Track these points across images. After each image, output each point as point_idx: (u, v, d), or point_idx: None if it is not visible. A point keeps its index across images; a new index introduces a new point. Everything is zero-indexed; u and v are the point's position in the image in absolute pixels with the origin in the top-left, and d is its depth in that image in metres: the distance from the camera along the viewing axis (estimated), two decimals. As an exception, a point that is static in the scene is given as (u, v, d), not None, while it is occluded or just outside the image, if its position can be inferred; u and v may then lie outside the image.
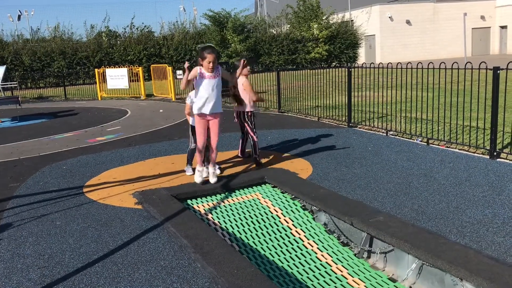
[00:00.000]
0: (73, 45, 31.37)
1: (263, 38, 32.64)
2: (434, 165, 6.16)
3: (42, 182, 6.40)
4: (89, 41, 32.29)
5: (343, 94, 10.37)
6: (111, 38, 33.01)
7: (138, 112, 14.15)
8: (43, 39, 33.25)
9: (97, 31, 33.77)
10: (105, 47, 31.37)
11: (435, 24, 38.52)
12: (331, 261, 4.17)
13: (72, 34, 33.67)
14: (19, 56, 29.56)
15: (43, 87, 28.05)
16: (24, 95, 21.79)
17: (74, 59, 30.44)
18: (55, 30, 33.69)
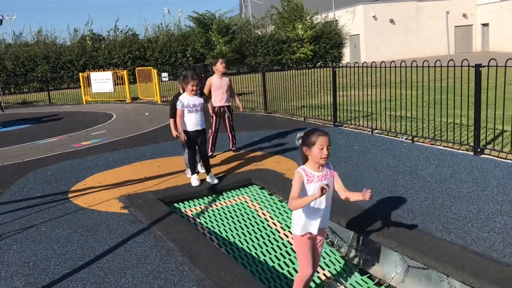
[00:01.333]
0: (56, 49, 31.05)
1: (248, 39, 32.63)
2: (419, 163, 6.21)
3: (27, 188, 6.32)
4: (73, 45, 31.99)
5: (328, 94, 10.40)
6: (95, 42, 32.75)
7: (123, 115, 14.05)
8: (26, 44, 32.87)
9: (81, 34, 33.50)
10: (89, 51, 31.10)
11: (418, 22, 38.87)
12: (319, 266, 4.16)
13: (55, 38, 33.34)
14: (2, 61, 29.18)
15: (27, 92, 27.69)
16: (7, 101, 21.52)
17: (58, 63, 30.13)
18: (38, 34, 33.32)
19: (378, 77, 8.68)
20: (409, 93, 8.54)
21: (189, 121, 5.66)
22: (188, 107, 5.61)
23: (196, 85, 5.57)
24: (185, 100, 5.62)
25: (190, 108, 5.63)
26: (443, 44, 34.86)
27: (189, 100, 5.62)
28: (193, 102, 5.64)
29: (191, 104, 5.62)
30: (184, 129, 5.68)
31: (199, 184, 5.78)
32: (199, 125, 5.72)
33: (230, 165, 6.73)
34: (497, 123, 6.95)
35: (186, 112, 5.63)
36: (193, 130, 5.69)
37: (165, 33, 33.17)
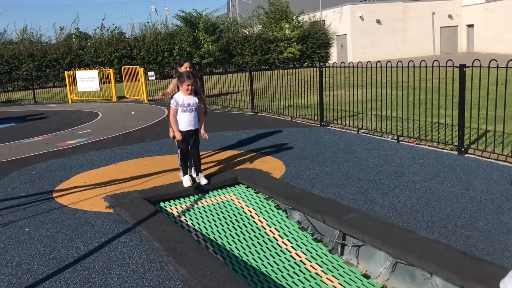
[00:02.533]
0: (42, 47, 30.68)
1: (235, 39, 32.60)
2: (405, 162, 6.27)
3: (10, 187, 6.25)
4: (59, 43, 31.65)
5: (315, 94, 10.44)
6: (81, 40, 32.44)
7: (109, 114, 13.95)
8: (10, 42, 32.46)
9: (67, 32, 33.16)
10: (75, 49, 30.80)
11: (405, 23, 39.19)
12: (305, 259, 4.19)
13: (40, 36, 32.95)
14: (-15, 59, 28.78)
15: (11, 90, 27.35)
16: (-9, 99, 21.23)
17: (43, 61, 29.79)
18: (23, 32, 32.91)
19: (365, 77, 8.74)
20: (394, 93, 8.61)
21: (183, 120, 5.62)
22: (183, 106, 5.57)
23: (191, 85, 5.55)
24: (180, 98, 5.57)
25: (184, 107, 5.58)
26: (429, 45, 35.19)
27: (183, 99, 5.57)
28: (187, 101, 5.58)
29: (185, 103, 5.57)
30: (179, 128, 5.64)
31: (191, 185, 5.76)
32: (193, 124, 5.68)
33: (217, 165, 6.72)
34: (481, 123, 7.06)
35: (180, 111, 5.59)
36: (186, 130, 5.65)
37: (152, 32, 32.98)
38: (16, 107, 18.96)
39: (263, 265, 4.11)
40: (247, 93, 14.40)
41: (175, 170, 6.52)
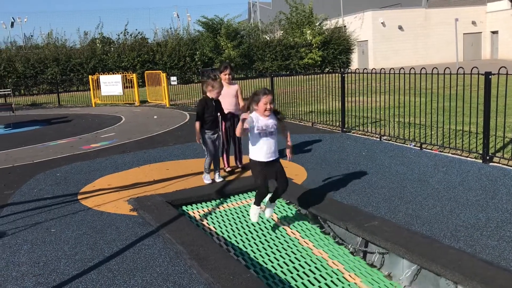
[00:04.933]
0: (66, 52, 31.32)
1: (256, 44, 32.74)
2: (428, 170, 6.20)
3: (37, 189, 6.38)
4: (83, 48, 32.26)
5: (336, 100, 10.41)
6: (105, 45, 32.99)
7: (132, 118, 14.13)
8: (36, 46, 33.22)
9: (91, 37, 33.77)
10: (99, 54, 31.33)
11: (426, 29, 38.81)
12: (327, 257, 4.18)
13: (65, 40, 33.68)
14: (12, 63, 29.48)
15: (37, 94, 27.97)
16: (17, 102, 21.69)
17: (67, 65, 30.38)
18: (48, 36, 33.66)
19: (387, 84, 8.69)
20: (417, 99, 8.56)
21: (261, 147, 4.37)
22: (260, 129, 4.34)
23: (270, 103, 4.34)
24: (255, 117, 4.36)
25: (261, 130, 4.35)
26: (452, 51, 34.81)
27: (259, 119, 4.36)
28: (265, 122, 4.37)
29: (262, 124, 4.36)
30: (254, 158, 4.42)
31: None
32: (273, 152, 4.44)
33: (238, 170, 6.75)
34: (506, 131, 6.94)
35: (256, 135, 4.35)
36: (268, 161, 4.40)
37: (174, 37, 33.36)
38: (41, 110, 19.35)
39: (284, 265, 4.11)
40: (268, 98, 14.42)
41: (197, 174, 6.58)
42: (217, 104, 6.01)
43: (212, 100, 5.92)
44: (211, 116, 5.93)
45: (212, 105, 5.93)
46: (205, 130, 5.95)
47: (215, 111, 5.97)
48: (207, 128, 5.95)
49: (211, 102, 5.92)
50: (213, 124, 6.00)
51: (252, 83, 17.42)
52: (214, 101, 5.94)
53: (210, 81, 5.87)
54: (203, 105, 5.91)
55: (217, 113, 6.03)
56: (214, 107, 5.95)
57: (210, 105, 5.91)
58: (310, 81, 12.43)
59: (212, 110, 5.93)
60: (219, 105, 6.07)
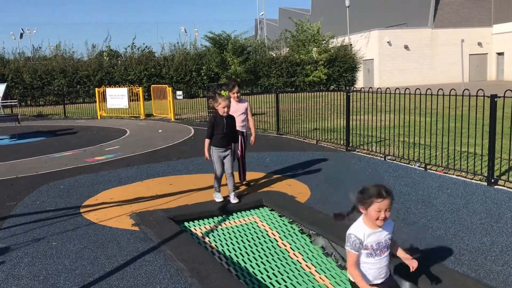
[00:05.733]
0: (74, 64, 31.58)
1: (262, 60, 32.95)
2: (432, 191, 6.16)
3: (39, 201, 6.38)
4: (90, 60, 32.53)
5: (341, 118, 10.42)
6: (112, 58, 33.26)
7: (137, 131, 14.18)
8: (44, 57, 33.53)
9: (98, 50, 34.07)
10: (106, 67, 31.57)
11: (432, 49, 38.97)
12: (329, 283, 4.13)
13: (73, 53, 34.01)
14: (20, 74, 29.73)
15: (43, 105, 28.12)
16: (23, 113, 21.83)
17: (74, 77, 30.60)
18: (56, 48, 33.99)
19: (392, 103, 8.68)
20: (422, 119, 8.54)
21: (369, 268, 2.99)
22: (369, 248, 2.94)
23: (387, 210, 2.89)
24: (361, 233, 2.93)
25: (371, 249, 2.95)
26: (457, 72, 34.86)
27: (369, 235, 2.93)
28: (377, 238, 2.95)
29: (373, 242, 2.94)
30: None
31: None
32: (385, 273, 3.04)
33: (241, 187, 6.73)
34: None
35: (364, 257, 2.96)
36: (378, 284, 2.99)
37: (181, 52, 33.61)
38: (47, 121, 19.44)
39: None
40: (272, 114, 14.47)
41: (200, 190, 6.57)
42: (229, 121, 5.83)
43: (223, 117, 5.77)
44: (221, 134, 5.76)
45: (223, 122, 5.76)
46: (214, 147, 5.84)
47: (226, 128, 5.78)
48: (216, 145, 5.81)
49: (222, 119, 5.76)
50: (223, 141, 5.81)
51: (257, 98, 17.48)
52: (225, 118, 5.79)
53: (217, 97, 5.85)
54: (212, 122, 5.81)
55: (228, 130, 5.82)
56: (225, 124, 5.77)
57: (220, 122, 5.76)
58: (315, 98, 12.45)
59: (223, 127, 5.75)
60: (233, 121, 5.93)
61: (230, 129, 5.86)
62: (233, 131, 5.96)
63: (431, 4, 38.94)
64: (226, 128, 5.79)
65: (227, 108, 5.74)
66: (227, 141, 5.85)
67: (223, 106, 5.71)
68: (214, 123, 5.79)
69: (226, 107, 5.72)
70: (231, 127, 5.88)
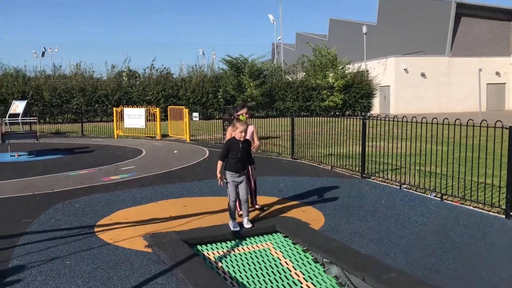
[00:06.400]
0: (93, 83, 32.09)
1: (278, 84, 33.16)
2: (448, 222, 6.08)
3: (54, 219, 6.43)
4: (109, 80, 33.05)
5: (356, 144, 10.39)
6: (131, 78, 33.76)
7: (152, 152, 14.29)
8: (64, 76, 34.14)
9: (118, 70, 34.62)
10: (125, 86, 32.02)
11: (449, 77, 38.85)
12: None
13: (93, 72, 34.55)
14: (40, 92, 30.29)
15: (61, 122, 28.56)
16: (42, 130, 22.17)
17: (93, 96, 31.07)
18: (76, 67, 34.64)
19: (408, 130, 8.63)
20: (439, 148, 8.47)
21: None
22: None
23: None
24: None
25: None
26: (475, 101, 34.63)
27: None
28: None
29: None
30: None
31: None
32: None
33: (254, 212, 6.71)
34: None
35: None
36: None
37: (199, 74, 34.02)
38: (65, 139, 19.72)
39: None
40: (287, 138, 14.49)
41: (214, 213, 6.57)
42: (245, 145, 5.79)
43: (239, 142, 5.73)
44: (235, 158, 5.72)
45: (239, 146, 5.71)
46: (228, 172, 5.79)
47: (241, 153, 5.73)
48: (231, 169, 5.76)
49: (238, 143, 5.72)
50: (238, 166, 5.76)
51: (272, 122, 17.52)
52: (241, 142, 5.75)
53: (235, 121, 5.85)
54: (228, 146, 5.77)
55: (244, 155, 5.78)
56: (241, 148, 5.72)
57: (236, 147, 5.71)
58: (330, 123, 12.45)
59: (238, 151, 5.71)
60: (249, 146, 5.91)
61: (245, 153, 5.83)
62: (248, 155, 5.96)
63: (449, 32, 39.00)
64: (242, 152, 5.74)
65: (244, 133, 5.73)
66: (242, 165, 5.80)
67: (240, 130, 5.69)
68: (229, 147, 5.76)
69: (244, 131, 5.71)
70: (246, 152, 5.85)
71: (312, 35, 56.47)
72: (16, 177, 9.90)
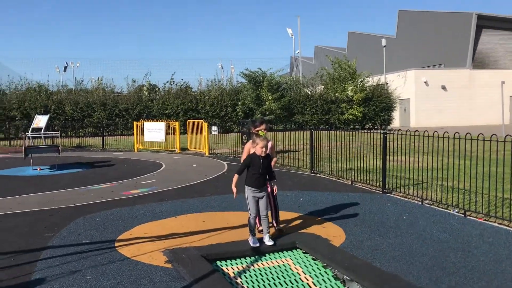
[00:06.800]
0: (114, 97, 32.59)
1: (297, 97, 33.17)
2: (472, 239, 5.94)
3: (76, 233, 6.49)
4: (130, 94, 33.52)
5: (377, 158, 10.28)
6: (151, 92, 34.21)
7: (172, 166, 14.37)
8: (85, 90, 34.78)
9: (138, 84, 35.12)
10: (145, 100, 32.43)
11: (471, 90, 38.35)
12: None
13: (114, 87, 35.14)
14: (62, 106, 30.85)
15: (82, 136, 28.99)
16: (63, 143, 22.52)
17: (114, 110, 31.52)
18: (98, 82, 35.25)
19: (430, 144, 8.51)
20: (461, 162, 8.33)
21: None
22: None
23: None
24: None
25: None
26: (497, 113, 34.08)
27: None
28: None
29: None
30: None
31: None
32: None
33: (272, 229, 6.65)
34: (557, 203, 6.62)
35: None
36: None
37: (217, 88, 34.28)
38: (86, 152, 19.99)
39: None
40: (306, 152, 14.42)
41: (233, 228, 6.55)
42: (265, 161, 5.74)
43: (260, 157, 5.69)
44: (257, 174, 5.67)
45: (259, 162, 5.67)
46: (249, 188, 5.76)
47: (262, 168, 5.69)
48: (252, 185, 5.72)
49: (258, 159, 5.68)
50: (259, 182, 5.71)
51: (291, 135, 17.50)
52: (262, 158, 5.70)
53: (255, 137, 5.80)
54: (248, 161, 5.74)
55: (265, 170, 5.73)
56: (262, 164, 5.68)
57: (257, 162, 5.67)
58: (350, 137, 12.36)
59: (259, 167, 5.66)
60: (269, 162, 5.86)
61: (266, 169, 5.78)
62: (269, 170, 5.89)
63: (470, 45, 38.63)
64: (263, 168, 5.70)
65: (265, 149, 5.69)
66: (263, 181, 5.76)
67: (261, 146, 5.64)
68: (250, 163, 5.75)
69: (264, 147, 5.66)
70: (267, 168, 5.80)
71: (330, 48, 56.53)
72: (38, 191, 10.04)
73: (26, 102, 30.25)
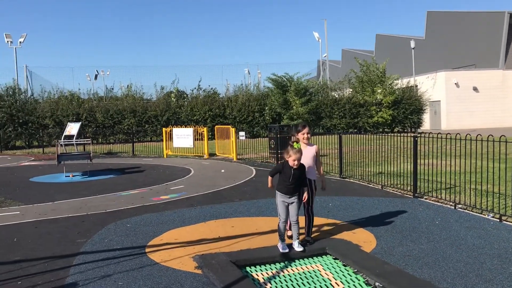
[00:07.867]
0: (143, 104, 33.11)
1: (324, 101, 32.96)
2: (509, 245, 5.75)
3: (107, 239, 6.59)
4: (159, 101, 33.99)
5: (407, 161, 10.10)
6: (179, 99, 34.60)
7: (201, 171, 14.47)
8: (116, 98, 35.43)
9: (166, 91, 35.58)
10: (173, 107, 32.83)
11: (504, 91, 37.34)
12: None
13: (143, 93, 35.67)
14: (93, 113, 31.50)
15: (113, 142, 29.51)
16: (94, 150, 22.97)
17: (143, 117, 32.01)
18: (127, 89, 35.88)
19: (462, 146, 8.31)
20: (495, 165, 8.10)
21: None
22: None
23: None
24: None
25: None
26: (531, 115, 33.09)
27: None
28: None
29: None
30: None
31: None
32: None
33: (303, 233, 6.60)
34: None
35: None
36: None
37: (245, 93, 34.39)
38: (116, 159, 20.33)
39: None
40: (334, 156, 14.29)
41: (262, 234, 6.53)
42: (297, 173, 5.61)
43: (291, 168, 5.57)
44: (286, 182, 5.61)
45: (290, 172, 5.57)
46: (279, 193, 5.71)
47: (292, 179, 5.59)
48: (282, 191, 5.68)
49: (290, 169, 5.58)
50: (289, 190, 5.64)
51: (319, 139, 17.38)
52: (293, 169, 5.57)
53: (289, 148, 5.63)
54: (279, 168, 5.70)
55: (295, 181, 5.63)
56: (292, 175, 5.57)
57: (287, 171, 5.59)
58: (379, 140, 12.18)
59: (290, 177, 5.57)
60: (301, 173, 5.71)
61: (297, 180, 5.67)
62: (301, 179, 5.76)
63: (502, 44, 37.65)
64: (293, 178, 5.60)
65: (297, 162, 5.57)
66: (293, 189, 5.68)
67: (293, 159, 5.53)
68: (280, 170, 5.68)
69: (297, 160, 5.54)
70: (298, 179, 5.68)
71: (358, 51, 56.04)
72: (71, 197, 10.26)
73: (59, 110, 31.00)
